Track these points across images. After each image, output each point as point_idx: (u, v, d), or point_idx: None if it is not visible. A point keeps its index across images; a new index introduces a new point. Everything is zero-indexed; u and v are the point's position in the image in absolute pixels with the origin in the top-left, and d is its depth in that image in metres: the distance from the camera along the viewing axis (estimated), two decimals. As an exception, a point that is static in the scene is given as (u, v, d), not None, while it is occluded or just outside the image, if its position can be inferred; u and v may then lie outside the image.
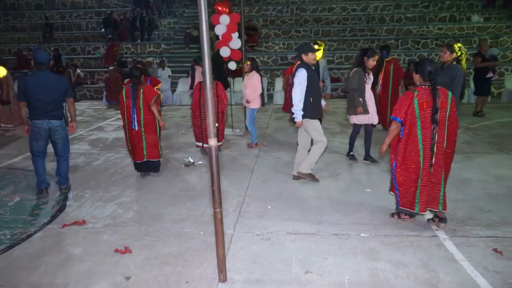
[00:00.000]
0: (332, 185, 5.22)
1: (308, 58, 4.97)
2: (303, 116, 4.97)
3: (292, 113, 5.01)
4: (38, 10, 19.71)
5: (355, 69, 5.67)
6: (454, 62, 5.18)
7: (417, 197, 3.83)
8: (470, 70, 10.67)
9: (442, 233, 3.83)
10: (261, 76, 7.07)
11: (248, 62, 7.02)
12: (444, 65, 5.25)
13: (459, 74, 5.01)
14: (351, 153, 6.22)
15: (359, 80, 5.56)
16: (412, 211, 3.94)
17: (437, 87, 3.69)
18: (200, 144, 6.50)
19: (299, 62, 5.07)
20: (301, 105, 4.91)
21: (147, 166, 5.68)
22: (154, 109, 5.46)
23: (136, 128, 5.46)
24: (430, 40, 15.35)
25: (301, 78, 4.88)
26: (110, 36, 16.45)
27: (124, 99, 5.50)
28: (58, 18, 19.17)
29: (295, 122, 5.03)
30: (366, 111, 5.64)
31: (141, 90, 5.42)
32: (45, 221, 4.31)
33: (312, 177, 5.27)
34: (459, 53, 5.21)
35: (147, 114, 5.46)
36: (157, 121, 5.55)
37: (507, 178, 5.28)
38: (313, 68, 5.15)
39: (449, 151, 3.84)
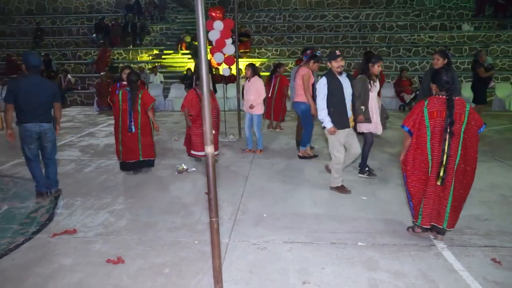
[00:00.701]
0: (328, 192, 5.17)
1: (332, 66, 4.93)
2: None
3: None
4: (28, 15, 19.52)
5: (360, 76, 5.49)
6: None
7: (421, 209, 3.71)
8: (461, 78, 10.74)
9: (440, 243, 3.78)
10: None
11: (249, 68, 6.97)
12: None
13: (456, 79, 5.00)
14: (367, 168, 5.76)
15: (363, 87, 5.39)
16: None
17: (453, 98, 3.51)
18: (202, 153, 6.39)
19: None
20: (322, 114, 4.89)
21: (141, 164, 5.99)
22: (151, 113, 5.84)
23: (133, 131, 5.75)
24: (421, 48, 15.48)
25: (319, 87, 4.90)
26: (102, 41, 16.32)
27: (121, 103, 5.76)
28: (48, 23, 19.00)
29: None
30: (368, 120, 5.41)
31: (140, 95, 5.75)
32: (34, 230, 4.18)
33: (342, 189, 5.13)
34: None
35: (144, 117, 5.82)
36: (151, 123, 5.90)
37: (502, 186, 5.28)
38: (343, 77, 4.97)
39: (469, 169, 3.58)
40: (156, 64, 15.42)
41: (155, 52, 16.67)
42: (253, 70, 6.98)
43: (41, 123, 4.80)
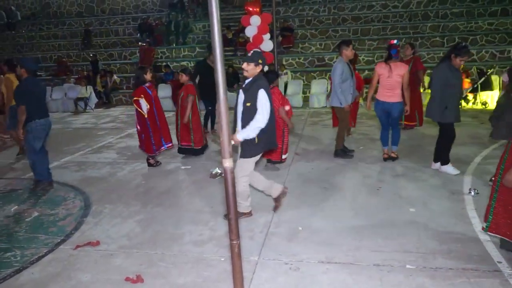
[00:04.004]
0: (372, 202, 4.66)
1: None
2: None
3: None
4: (78, 18, 20.17)
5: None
6: None
7: None
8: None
9: (506, 267, 3.20)
10: None
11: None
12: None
13: None
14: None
15: None
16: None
17: None
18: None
19: None
20: None
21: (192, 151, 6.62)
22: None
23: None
24: (479, 36, 14.21)
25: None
26: (148, 40, 16.47)
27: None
28: (97, 25, 19.51)
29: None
30: None
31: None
32: (58, 240, 4.04)
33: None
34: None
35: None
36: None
37: None
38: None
39: None
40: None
41: (198, 50, 16.58)
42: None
43: (49, 117, 5.59)
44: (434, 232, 3.84)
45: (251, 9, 7.33)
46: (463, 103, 10.47)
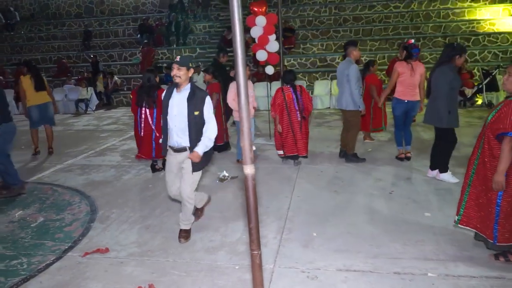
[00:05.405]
0: (386, 206, 4.56)
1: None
2: None
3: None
4: (77, 19, 20.02)
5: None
6: None
7: None
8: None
9: (531, 275, 3.10)
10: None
11: None
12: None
13: None
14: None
15: None
16: None
17: None
18: (281, 152, 6.15)
19: None
20: None
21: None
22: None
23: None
24: (481, 36, 14.17)
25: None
26: (145, 41, 16.36)
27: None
28: (96, 26, 19.37)
29: None
30: None
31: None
32: (66, 247, 3.92)
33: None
34: None
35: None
36: None
37: None
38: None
39: None
40: (199, 63, 15.20)
41: (198, 51, 16.47)
42: None
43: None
44: (453, 238, 3.74)
45: (256, 9, 7.23)
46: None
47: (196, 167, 3.75)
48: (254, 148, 6.43)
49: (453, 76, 4.89)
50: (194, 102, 3.63)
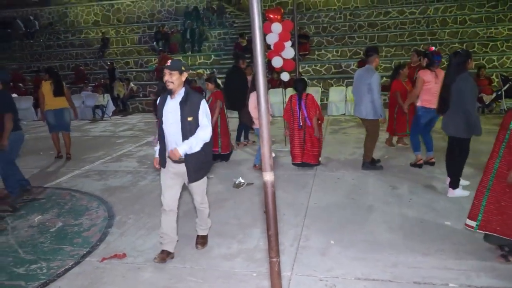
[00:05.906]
0: (404, 213, 4.49)
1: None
2: None
3: None
4: (95, 26, 20.39)
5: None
6: None
7: None
8: None
9: (557, 286, 3.02)
10: None
11: None
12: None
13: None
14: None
15: None
16: None
17: None
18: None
19: None
20: None
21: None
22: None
23: None
24: (499, 42, 13.97)
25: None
26: (161, 48, 16.55)
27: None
28: (113, 33, 19.68)
29: None
30: None
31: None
32: (84, 252, 3.96)
33: None
34: None
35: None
36: None
37: None
38: None
39: None
40: (214, 70, 15.30)
41: (213, 57, 16.59)
42: None
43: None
44: (474, 248, 3.66)
45: (272, 16, 7.25)
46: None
47: (192, 178, 3.57)
48: (273, 154, 6.45)
49: (474, 82, 4.79)
50: (188, 107, 3.40)
